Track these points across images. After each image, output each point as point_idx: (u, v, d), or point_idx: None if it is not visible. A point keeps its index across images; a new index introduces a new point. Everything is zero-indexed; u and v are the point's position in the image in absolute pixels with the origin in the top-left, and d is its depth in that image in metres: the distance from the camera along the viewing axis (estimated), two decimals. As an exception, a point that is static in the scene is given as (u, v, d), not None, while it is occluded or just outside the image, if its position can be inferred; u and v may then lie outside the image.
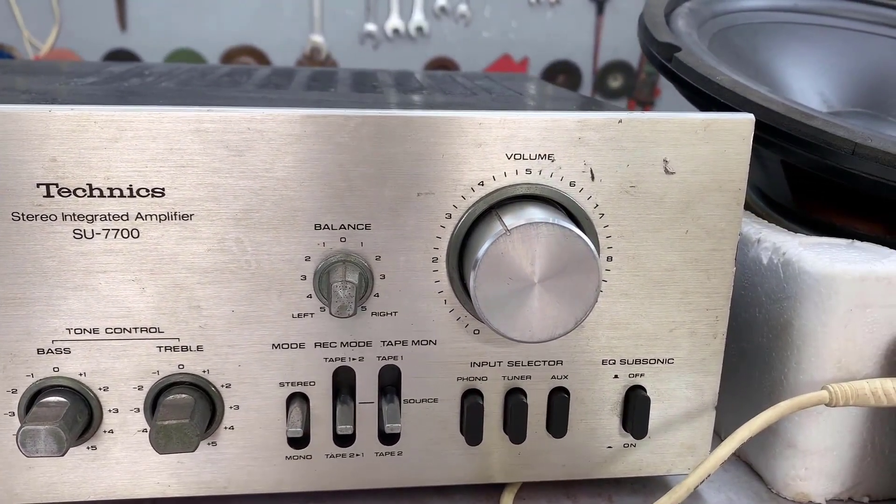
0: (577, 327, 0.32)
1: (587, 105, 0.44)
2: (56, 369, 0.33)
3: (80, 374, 0.33)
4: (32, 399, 0.33)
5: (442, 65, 2.03)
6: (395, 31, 2.02)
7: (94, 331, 0.33)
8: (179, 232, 0.32)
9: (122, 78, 0.49)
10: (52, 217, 0.31)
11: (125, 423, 0.34)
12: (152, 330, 0.33)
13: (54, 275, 0.32)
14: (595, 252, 0.31)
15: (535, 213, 0.31)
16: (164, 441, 0.32)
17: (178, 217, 0.32)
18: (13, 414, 0.33)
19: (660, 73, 0.48)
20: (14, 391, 0.33)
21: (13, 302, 0.32)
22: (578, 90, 1.48)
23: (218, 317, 0.33)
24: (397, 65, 1.98)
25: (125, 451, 0.34)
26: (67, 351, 0.33)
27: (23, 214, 0.31)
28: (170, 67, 0.60)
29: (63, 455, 0.31)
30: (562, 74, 2.11)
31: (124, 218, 0.31)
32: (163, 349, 0.33)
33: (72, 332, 0.32)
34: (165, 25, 1.86)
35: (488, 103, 0.44)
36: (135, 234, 0.32)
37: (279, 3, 1.88)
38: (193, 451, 0.32)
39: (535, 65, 2.07)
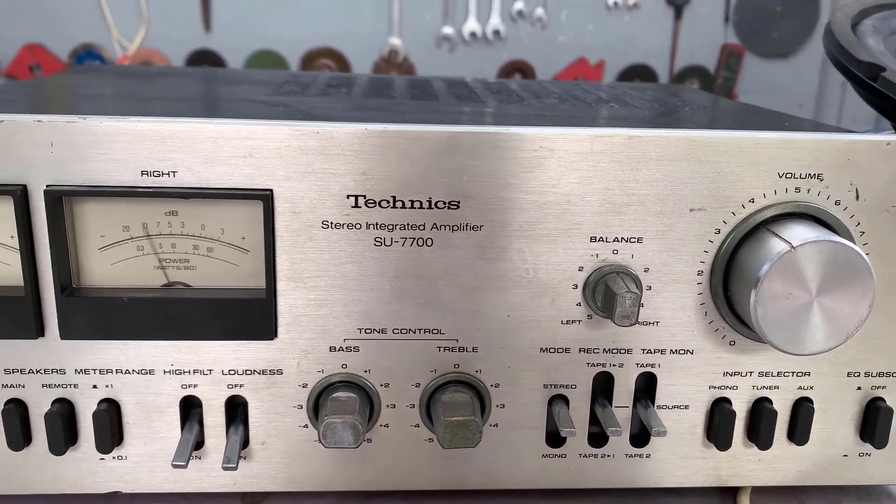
0: (841, 340, 0.33)
1: (800, 124, 0.45)
2: (344, 366, 0.35)
3: (366, 371, 0.35)
4: (320, 394, 0.35)
5: (518, 68, 2.04)
6: (472, 34, 2.04)
7: (382, 331, 0.35)
8: (468, 242, 0.34)
9: (321, 90, 0.52)
10: (357, 226, 0.33)
11: (399, 418, 0.36)
12: (434, 331, 0.35)
13: (353, 278, 0.34)
14: (872, 269, 0.32)
15: (807, 231, 0.33)
16: (449, 436, 0.34)
17: (468, 228, 0.34)
18: (300, 407, 0.36)
19: (860, 90, 0.49)
20: (304, 385, 0.35)
21: (313, 303, 0.34)
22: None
23: (494, 320, 0.35)
24: (474, 68, 2.00)
25: (396, 445, 0.37)
26: (356, 349, 0.35)
27: (331, 223, 0.33)
28: (347, 78, 0.63)
29: (357, 447, 0.34)
30: (637, 78, 2.10)
31: (421, 228, 0.34)
32: (442, 349, 0.35)
33: (362, 331, 0.35)
34: (248, 27, 1.91)
35: (703, 119, 0.45)
36: (429, 242, 0.34)
37: (358, 6, 1.91)
38: (475, 446, 0.34)
39: (610, 68, 2.07)
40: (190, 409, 0.36)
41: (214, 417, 0.36)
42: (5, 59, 1.78)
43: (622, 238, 0.34)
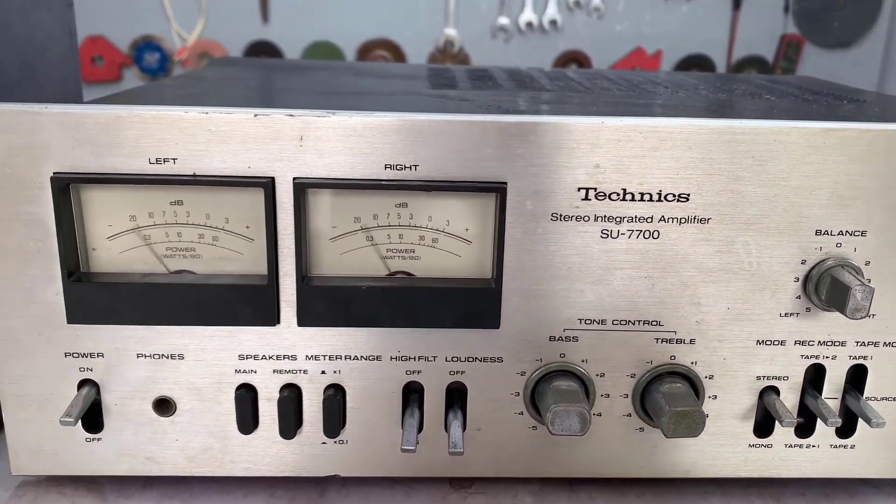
0: None
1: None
2: (562, 355, 0.36)
3: (583, 361, 0.36)
4: (537, 382, 0.36)
5: (573, 58, 2.03)
6: (529, 24, 2.03)
7: (602, 322, 0.36)
8: (695, 234, 0.34)
9: (472, 84, 0.52)
10: (585, 218, 0.34)
11: (612, 407, 0.37)
12: (653, 323, 0.36)
13: (577, 270, 0.35)
14: None
15: None
16: (673, 426, 0.34)
17: (696, 220, 0.34)
18: (517, 394, 0.36)
19: None
20: (522, 373, 0.36)
21: (536, 293, 0.35)
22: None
23: (714, 313, 0.35)
24: (530, 58, 1.99)
25: (606, 434, 0.37)
26: (575, 339, 0.36)
27: (560, 215, 0.34)
28: (483, 70, 0.64)
29: (584, 434, 0.34)
30: (695, 68, 2.08)
31: (648, 220, 0.34)
32: (659, 341, 0.36)
33: (582, 322, 0.36)
34: (305, 18, 1.92)
35: (879, 111, 0.45)
36: (655, 235, 0.34)
37: (415, -3, 1.91)
38: (697, 436, 0.35)
39: (667, 58, 2.05)
40: (408, 394, 0.37)
41: (435, 403, 0.36)
42: (69, 51, 1.81)
43: (846, 231, 0.35)
